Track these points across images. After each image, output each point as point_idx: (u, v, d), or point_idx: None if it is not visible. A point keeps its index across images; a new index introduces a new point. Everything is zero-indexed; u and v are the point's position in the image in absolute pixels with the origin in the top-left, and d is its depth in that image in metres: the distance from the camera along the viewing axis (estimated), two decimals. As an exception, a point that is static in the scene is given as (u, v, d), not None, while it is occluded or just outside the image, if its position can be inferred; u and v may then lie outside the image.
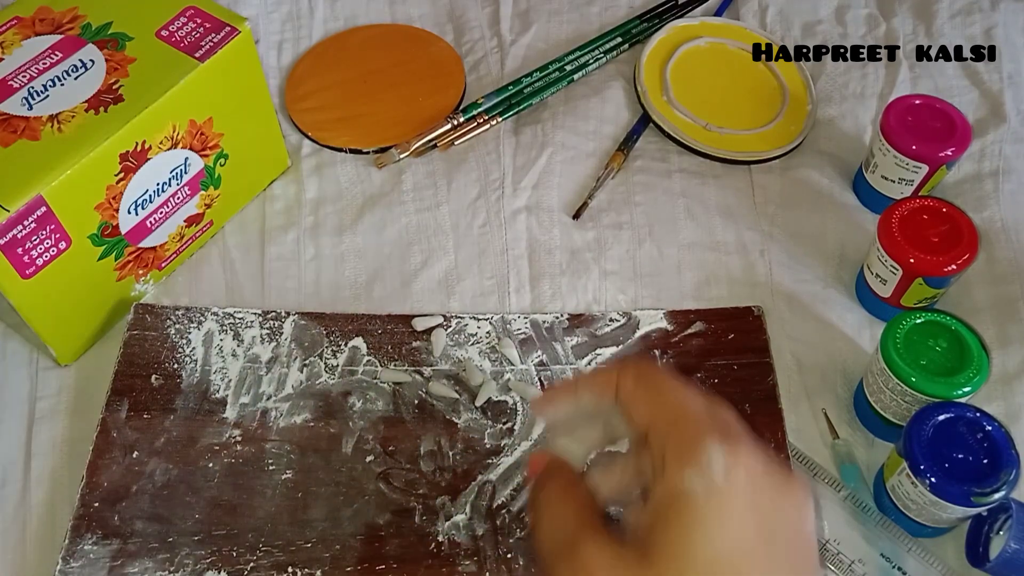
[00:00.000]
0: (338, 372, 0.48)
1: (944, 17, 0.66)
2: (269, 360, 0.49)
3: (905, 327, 0.45)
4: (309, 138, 0.59)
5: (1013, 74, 0.63)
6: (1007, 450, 0.42)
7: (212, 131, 0.49)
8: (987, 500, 0.41)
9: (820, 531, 0.44)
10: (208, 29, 0.48)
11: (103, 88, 0.45)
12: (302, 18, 0.66)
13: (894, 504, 0.44)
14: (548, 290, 0.53)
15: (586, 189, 0.57)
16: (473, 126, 0.59)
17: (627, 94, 0.62)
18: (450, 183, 0.57)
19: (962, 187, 0.58)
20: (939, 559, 0.43)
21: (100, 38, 0.47)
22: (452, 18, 0.66)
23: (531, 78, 0.62)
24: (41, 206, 0.42)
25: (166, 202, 0.49)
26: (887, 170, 0.54)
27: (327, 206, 0.56)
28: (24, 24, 0.48)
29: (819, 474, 0.45)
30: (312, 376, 0.48)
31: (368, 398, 0.48)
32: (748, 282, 0.53)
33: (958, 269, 0.48)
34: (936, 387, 0.43)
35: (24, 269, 0.43)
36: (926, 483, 0.41)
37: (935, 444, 0.42)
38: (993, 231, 0.55)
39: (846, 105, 0.62)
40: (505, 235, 0.55)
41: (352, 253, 0.54)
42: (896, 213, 0.49)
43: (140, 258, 0.50)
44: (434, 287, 0.53)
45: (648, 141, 0.60)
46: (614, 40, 0.64)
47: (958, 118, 0.53)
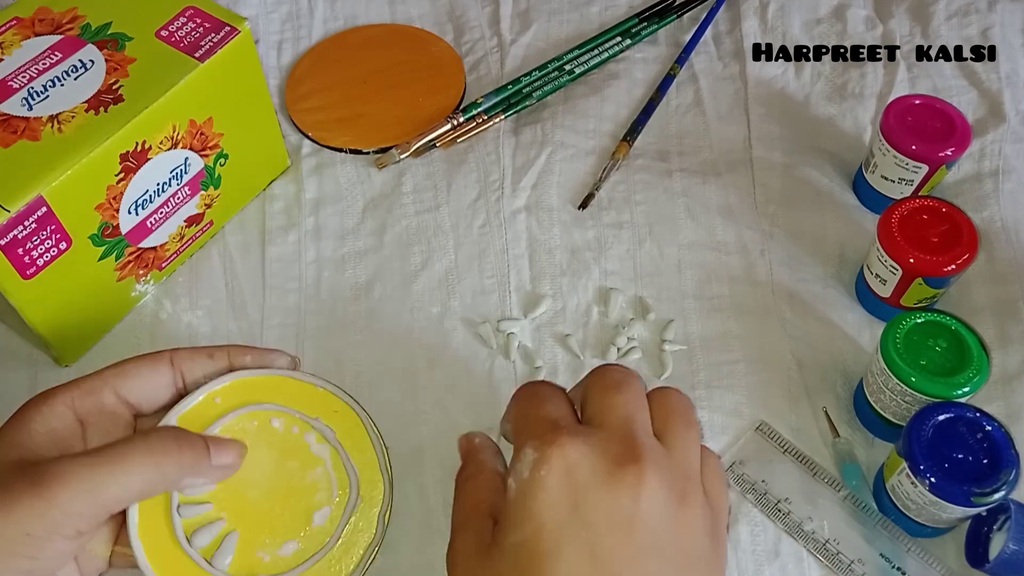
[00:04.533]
0: None
1: (941, 18, 0.66)
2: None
3: (905, 327, 0.45)
4: (309, 138, 0.59)
5: (1011, 74, 0.63)
6: (1007, 450, 0.42)
7: (212, 131, 0.49)
8: (987, 500, 0.41)
9: (820, 530, 0.44)
10: (208, 29, 0.48)
11: (103, 88, 0.45)
12: (302, 18, 0.66)
13: (894, 504, 0.44)
14: (548, 290, 0.53)
15: (586, 187, 0.57)
16: (473, 126, 0.59)
17: (627, 92, 0.62)
18: (450, 183, 0.57)
19: (962, 187, 0.58)
20: (939, 559, 0.43)
21: (100, 38, 0.47)
22: (452, 18, 0.66)
23: (531, 77, 0.62)
24: (41, 206, 0.42)
25: (166, 202, 0.49)
26: (887, 170, 0.54)
27: (327, 206, 0.56)
28: (23, 24, 0.48)
29: (819, 474, 0.46)
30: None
31: None
32: (748, 282, 0.54)
33: (958, 269, 0.48)
34: (936, 387, 0.43)
35: (24, 269, 0.43)
36: (926, 483, 0.41)
37: (935, 444, 0.42)
38: (993, 231, 0.55)
39: (846, 105, 0.62)
40: (505, 235, 0.55)
41: (352, 253, 0.54)
42: (896, 213, 0.49)
43: (140, 258, 0.50)
44: (434, 287, 0.53)
45: (648, 140, 0.60)
46: (614, 39, 0.64)
47: (958, 118, 0.53)
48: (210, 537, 0.38)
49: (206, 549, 0.38)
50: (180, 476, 0.37)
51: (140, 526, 0.38)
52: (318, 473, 0.41)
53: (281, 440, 0.41)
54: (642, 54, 0.65)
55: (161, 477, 0.36)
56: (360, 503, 0.41)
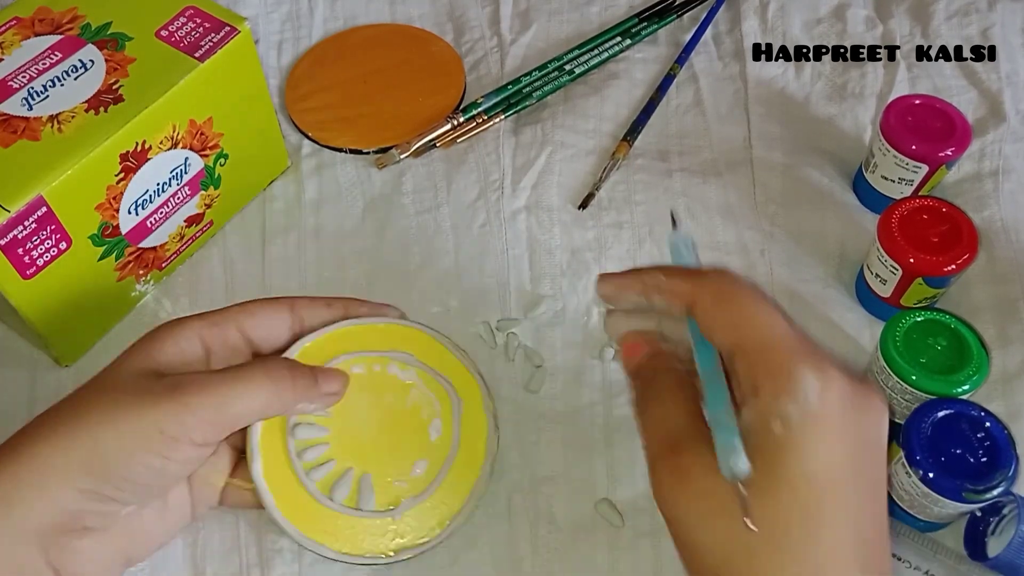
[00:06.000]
0: None
1: (941, 18, 0.66)
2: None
3: (905, 325, 0.45)
4: (309, 138, 0.59)
5: (1011, 73, 0.63)
6: (1007, 451, 0.42)
7: (212, 131, 0.49)
8: (980, 498, 0.41)
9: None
10: (208, 29, 0.48)
11: (103, 88, 0.45)
12: (302, 18, 0.66)
13: (888, 495, 0.44)
14: (548, 290, 0.53)
15: (586, 187, 0.57)
16: (473, 126, 0.59)
17: (627, 92, 0.62)
18: (450, 184, 0.57)
19: (962, 187, 0.58)
20: (931, 540, 0.43)
21: (100, 38, 0.47)
22: (452, 18, 0.67)
23: (531, 77, 0.62)
24: (41, 206, 0.42)
25: (166, 202, 0.49)
26: (887, 170, 0.54)
27: (327, 206, 0.56)
28: (23, 24, 0.48)
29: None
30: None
31: None
32: (748, 282, 0.53)
33: (958, 269, 0.48)
34: (936, 385, 0.44)
35: (25, 269, 0.43)
36: (919, 473, 0.41)
37: (935, 437, 0.42)
38: (993, 231, 0.55)
39: (846, 105, 0.62)
40: (505, 235, 0.55)
41: (352, 253, 0.54)
42: (896, 213, 0.49)
43: (140, 258, 0.50)
44: (434, 287, 0.53)
45: (648, 139, 0.60)
46: (614, 39, 0.64)
47: (958, 118, 0.53)
48: (348, 487, 0.41)
49: (349, 498, 0.41)
50: (294, 399, 0.40)
51: (265, 472, 0.41)
52: (415, 396, 0.44)
53: (370, 380, 0.44)
54: (642, 54, 0.65)
55: (278, 398, 0.39)
56: (463, 404, 0.44)
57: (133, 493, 0.37)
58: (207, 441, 0.37)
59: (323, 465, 0.42)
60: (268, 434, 0.41)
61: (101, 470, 0.35)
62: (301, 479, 0.41)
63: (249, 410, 0.39)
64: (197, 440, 0.37)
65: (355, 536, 0.41)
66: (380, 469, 0.42)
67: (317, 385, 0.41)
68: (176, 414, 0.36)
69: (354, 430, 0.43)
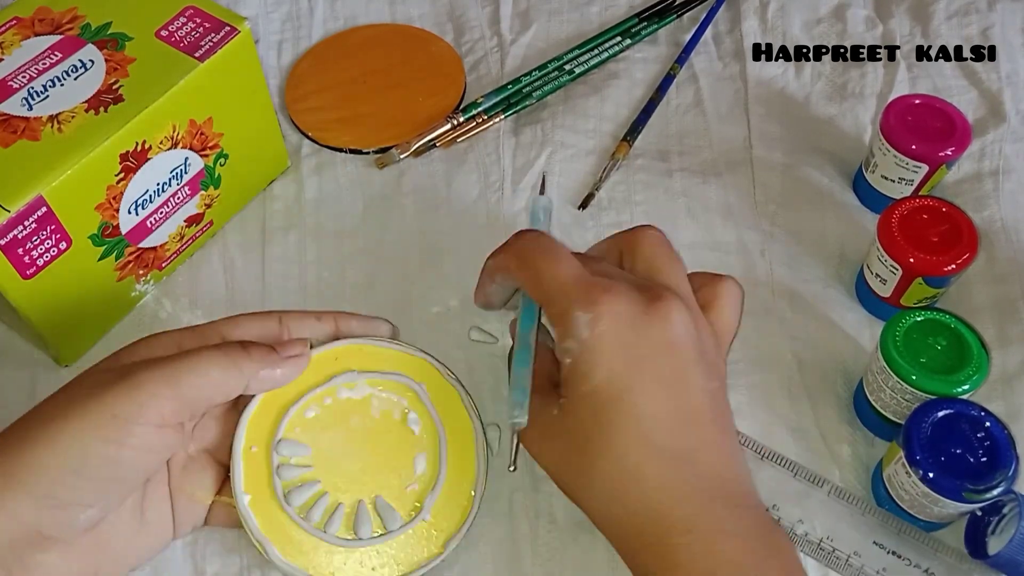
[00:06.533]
0: None
1: (941, 18, 0.66)
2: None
3: (905, 325, 0.45)
4: (309, 138, 0.59)
5: (1011, 73, 0.63)
6: (1007, 451, 0.42)
7: (212, 131, 0.49)
8: (979, 498, 0.41)
9: (813, 530, 0.44)
10: (208, 29, 0.48)
11: (103, 88, 0.45)
12: (302, 18, 0.66)
13: (889, 495, 0.44)
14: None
15: (586, 187, 0.57)
16: (473, 126, 0.59)
17: (627, 92, 0.62)
18: (450, 184, 0.57)
19: (962, 187, 0.58)
20: (932, 538, 0.43)
21: (100, 38, 0.47)
22: (452, 18, 0.67)
23: (531, 77, 0.62)
24: (41, 206, 0.42)
25: (166, 202, 0.49)
26: (887, 170, 0.54)
27: (327, 206, 0.56)
28: (23, 24, 0.48)
29: (799, 473, 0.45)
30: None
31: None
32: (748, 282, 0.53)
33: (958, 269, 0.48)
34: (936, 384, 0.44)
35: (25, 269, 0.43)
36: (919, 472, 0.41)
37: (935, 437, 0.42)
38: (993, 231, 0.55)
39: (846, 105, 0.62)
40: (505, 235, 0.55)
41: (352, 253, 0.54)
42: (896, 213, 0.49)
43: (140, 258, 0.50)
44: (435, 287, 0.53)
45: (648, 140, 0.60)
46: (614, 39, 0.64)
47: (958, 118, 0.53)
48: (341, 517, 0.42)
49: (342, 530, 0.41)
50: (253, 368, 0.39)
51: (253, 507, 0.41)
52: (377, 404, 0.44)
53: (328, 416, 0.43)
54: (642, 54, 0.65)
55: (235, 367, 0.38)
56: (425, 385, 0.45)
57: (92, 492, 0.35)
58: (165, 421, 0.36)
59: (333, 511, 0.42)
60: (258, 499, 0.41)
61: (56, 469, 0.34)
62: (310, 532, 0.41)
63: (205, 382, 0.37)
64: (153, 420, 0.36)
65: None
66: (387, 484, 0.43)
67: (274, 352, 0.40)
68: (127, 393, 0.35)
69: (341, 466, 0.43)
